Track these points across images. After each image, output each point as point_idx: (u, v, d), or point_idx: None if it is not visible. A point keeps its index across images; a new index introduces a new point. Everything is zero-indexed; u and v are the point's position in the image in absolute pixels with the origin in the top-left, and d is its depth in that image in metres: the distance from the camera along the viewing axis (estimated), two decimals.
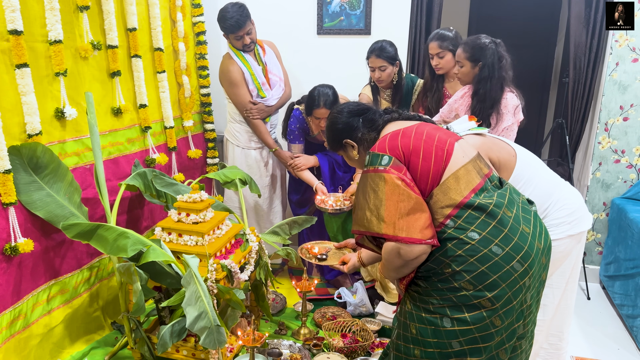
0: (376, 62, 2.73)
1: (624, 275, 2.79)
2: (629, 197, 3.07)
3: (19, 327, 1.97)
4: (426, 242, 1.39)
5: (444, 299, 1.43)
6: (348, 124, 1.70)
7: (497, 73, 2.32)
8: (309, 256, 2.32)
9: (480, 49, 2.33)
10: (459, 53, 2.40)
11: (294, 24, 3.34)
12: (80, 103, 2.24)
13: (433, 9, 3.09)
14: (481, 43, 2.34)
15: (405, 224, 1.39)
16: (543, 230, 1.55)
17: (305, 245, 2.41)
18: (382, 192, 1.43)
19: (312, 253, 2.33)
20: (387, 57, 2.72)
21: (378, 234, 1.44)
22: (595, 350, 2.56)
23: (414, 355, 1.51)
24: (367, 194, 1.47)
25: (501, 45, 2.36)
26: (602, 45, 2.97)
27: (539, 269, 1.49)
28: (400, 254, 1.41)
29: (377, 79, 2.79)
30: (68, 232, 1.96)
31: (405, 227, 1.39)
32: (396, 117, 1.67)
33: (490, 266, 1.39)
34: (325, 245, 2.43)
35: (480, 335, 1.42)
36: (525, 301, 1.47)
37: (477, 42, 2.35)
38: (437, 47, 2.66)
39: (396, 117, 1.67)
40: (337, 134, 1.73)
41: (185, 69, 3.08)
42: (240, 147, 3.08)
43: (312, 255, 2.32)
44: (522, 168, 1.85)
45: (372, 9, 3.22)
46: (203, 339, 1.80)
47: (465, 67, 2.39)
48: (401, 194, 1.41)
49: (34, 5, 2.00)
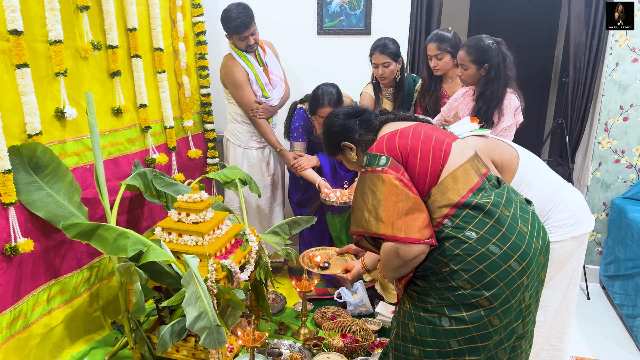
0: (379, 58, 2.73)
1: (624, 275, 2.79)
2: (629, 197, 3.07)
3: (19, 327, 1.97)
4: (424, 242, 1.40)
5: (442, 298, 1.44)
6: (345, 126, 1.70)
7: (503, 73, 2.31)
8: (311, 265, 2.32)
9: (485, 51, 2.31)
10: (462, 56, 2.36)
11: (294, 24, 3.34)
12: (80, 103, 2.25)
13: (433, 9, 3.09)
14: (485, 45, 2.31)
15: (404, 224, 1.39)
16: (541, 229, 1.55)
17: (306, 253, 2.41)
18: (380, 193, 1.43)
19: (314, 262, 2.33)
20: (391, 54, 2.72)
21: (376, 234, 1.44)
22: (595, 350, 2.56)
23: (412, 354, 1.51)
24: (365, 194, 1.47)
25: (503, 44, 2.34)
26: (602, 45, 2.97)
27: (537, 268, 1.49)
28: (399, 254, 1.42)
29: (380, 75, 2.79)
30: (68, 232, 1.96)
31: (403, 227, 1.39)
32: (392, 118, 1.67)
33: (488, 265, 1.39)
34: (326, 252, 2.43)
35: (479, 334, 1.42)
36: (523, 300, 1.47)
37: (481, 45, 2.32)
38: (436, 48, 2.65)
39: (392, 118, 1.67)
40: (335, 137, 1.73)
41: (185, 69, 3.08)
42: (241, 147, 3.07)
43: (314, 265, 2.32)
44: (525, 170, 1.85)
45: (372, 9, 3.22)
46: (203, 339, 1.80)
47: (470, 69, 2.36)
48: (399, 194, 1.41)
49: (34, 5, 2.00)
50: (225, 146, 3.18)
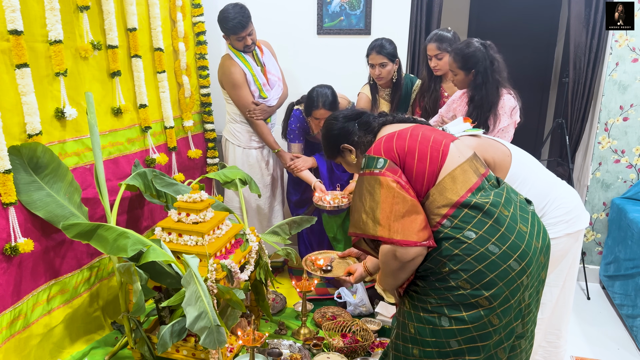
0: (376, 58, 2.74)
1: (624, 275, 2.79)
2: (629, 197, 3.07)
3: (19, 327, 1.97)
4: (422, 244, 1.40)
5: (442, 298, 1.44)
6: (344, 129, 1.71)
7: (491, 77, 2.29)
8: (314, 268, 2.31)
9: (470, 57, 2.29)
10: (450, 62, 2.36)
11: (294, 24, 3.34)
12: (80, 103, 2.25)
13: (433, 9, 3.09)
14: (470, 51, 2.29)
15: (401, 226, 1.40)
16: (541, 229, 1.55)
17: (309, 256, 2.40)
18: (378, 195, 1.43)
19: (317, 265, 2.32)
20: (388, 54, 2.72)
21: (374, 237, 1.44)
22: (595, 350, 2.56)
23: (412, 354, 1.51)
24: (363, 196, 1.47)
25: (492, 47, 2.32)
26: (602, 45, 2.97)
27: (537, 267, 1.49)
28: (397, 256, 1.42)
29: (377, 76, 2.79)
30: (68, 232, 1.96)
31: (400, 229, 1.40)
32: (390, 120, 1.68)
33: (487, 265, 1.39)
34: (328, 255, 2.42)
35: (478, 334, 1.42)
36: (523, 300, 1.47)
37: (466, 51, 2.30)
38: (436, 48, 2.66)
39: (390, 120, 1.68)
40: (334, 140, 1.74)
41: (185, 69, 3.08)
42: (241, 147, 3.07)
43: (317, 267, 2.31)
44: (518, 168, 1.85)
45: (372, 9, 3.22)
46: (203, 339, 1.80)
47: (458, 75, 2.36)
48: (396, 196, 1.42)
49: (34, 5, 2.00)
50: (224, 146, 3.18)
